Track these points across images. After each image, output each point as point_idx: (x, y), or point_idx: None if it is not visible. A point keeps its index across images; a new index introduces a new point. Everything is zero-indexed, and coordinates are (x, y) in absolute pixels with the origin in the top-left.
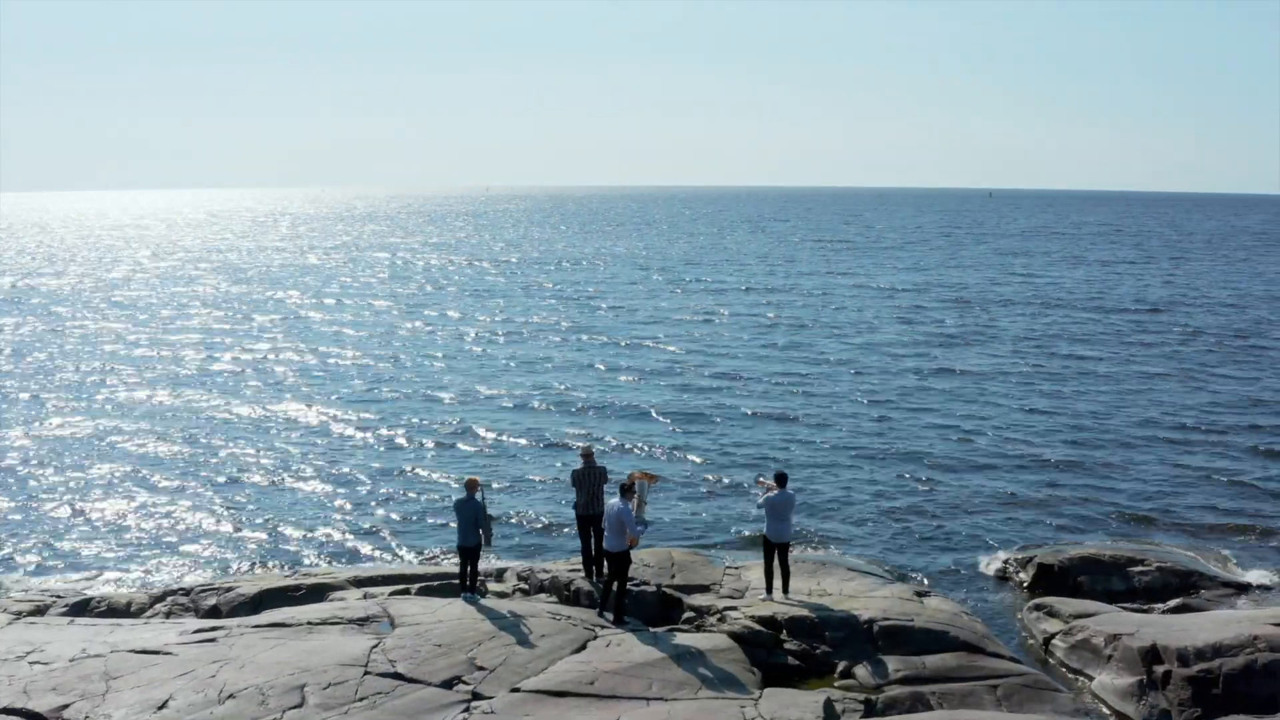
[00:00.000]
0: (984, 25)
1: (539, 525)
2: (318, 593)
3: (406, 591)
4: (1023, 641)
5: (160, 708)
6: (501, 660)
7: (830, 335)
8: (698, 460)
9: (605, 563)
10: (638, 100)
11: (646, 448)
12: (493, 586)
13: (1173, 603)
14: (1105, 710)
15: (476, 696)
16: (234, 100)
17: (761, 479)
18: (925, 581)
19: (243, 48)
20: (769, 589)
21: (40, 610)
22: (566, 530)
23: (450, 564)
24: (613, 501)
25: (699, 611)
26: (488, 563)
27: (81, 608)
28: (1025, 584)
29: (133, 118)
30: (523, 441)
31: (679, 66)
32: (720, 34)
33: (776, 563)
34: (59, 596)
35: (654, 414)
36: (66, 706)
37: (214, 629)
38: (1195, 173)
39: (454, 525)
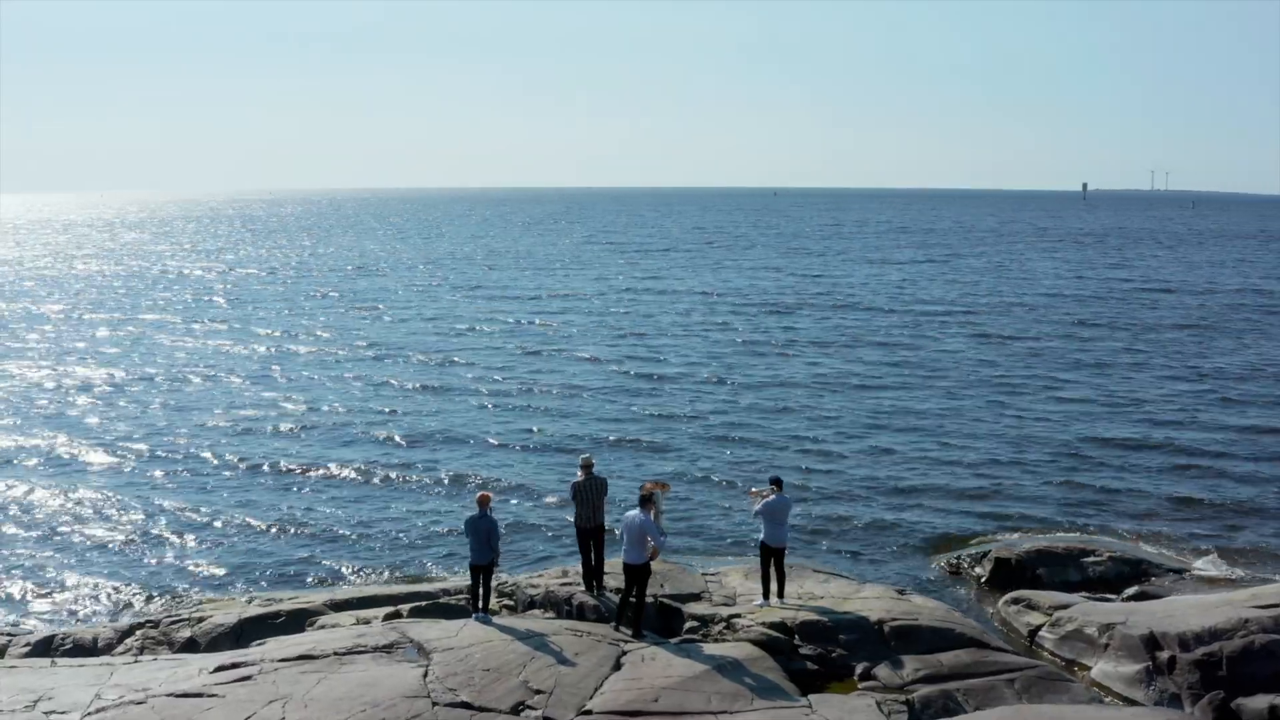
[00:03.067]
0: (767, 27)
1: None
2: (297, 619)
3: (398, 614)
4: (1003, 635)
5: None
6: (554, 682)
7: (661, 346)
8: (630, 470)
9: (602, 576)
10: (420, 102)
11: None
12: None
13: (1131, 590)
14: (1112, 698)
15: None
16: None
17: (754, 489)
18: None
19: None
20: (765, 594)
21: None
22: (535, 539)
23: (416, 583)
24: (631, 514)
25: (702, 620)
26: (460, 579)
27: (46, 646)
28: (983, 579)
29: None
30: (469, 453)
31: (458, 68)
32: (497, 35)
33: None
34: (12, 635)
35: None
36: None
37: (235, 665)
38: (965, 171)
39: (392, 543)
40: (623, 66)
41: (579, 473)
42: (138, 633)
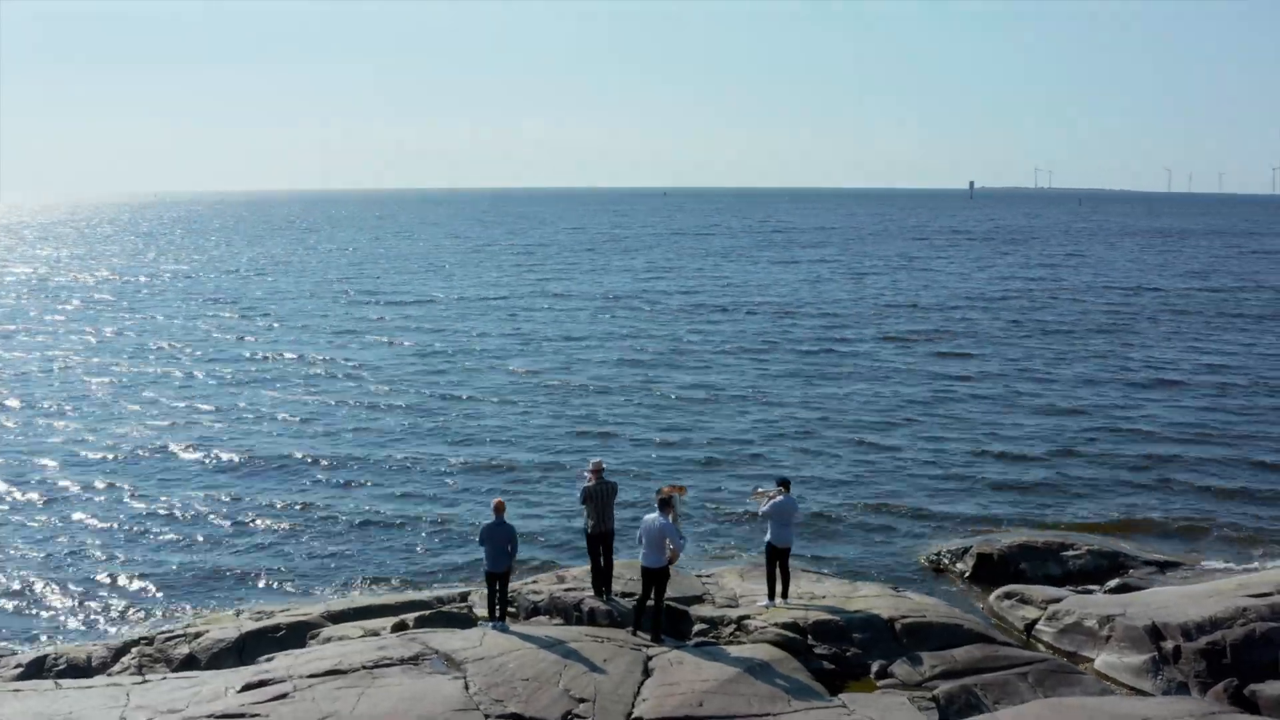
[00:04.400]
0: (650, 27)
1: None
2: (298, 632)
3: (404, 625)
4: (999, 629)
5: None
6: (594, 690)
7: (578, 353)
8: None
9: (610, 579)
10: (298, 104)
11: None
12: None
13: (1113, 583)
14: (1120, 689)
15: None
16: None
17: (759, 490)
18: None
19: None
20: (771, 595)
21: None
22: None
23: (406, 593)
24: (651, 517)
25: (711, 623)
26: (449, 588)
27: (38, 667)
28: (966, 574)
29: None
30: (435, 456)
31: (334, 69)
32: (368, 36)
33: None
34: None
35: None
36: None
37: (264, 683)
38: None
39: (377, 553)
40: (503, 66)
41: (589, 477)
42: (133, 650)
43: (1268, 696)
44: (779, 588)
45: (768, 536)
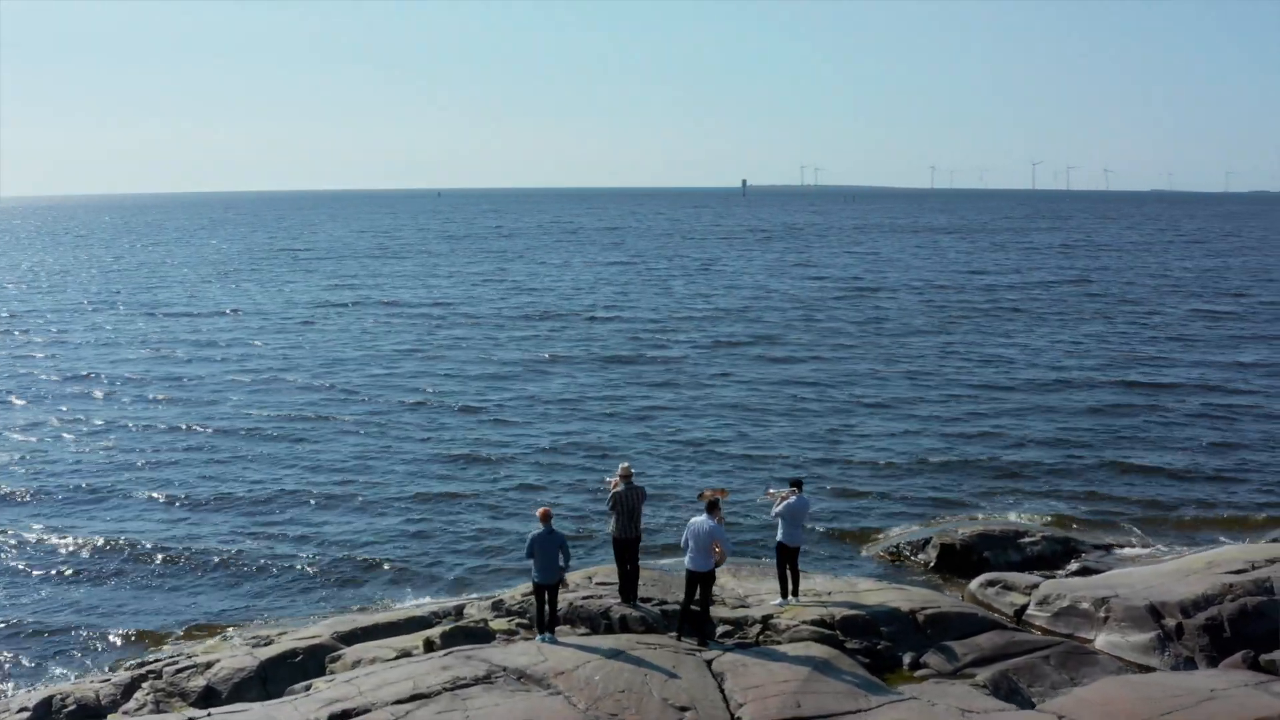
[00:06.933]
0: (410, 28)
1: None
2: (316, 656)
3: (433, 644)
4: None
5: None
6: (687, 697)
7: (406, 369)
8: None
9: (636, 584)
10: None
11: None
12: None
13: (1072, 566)
14: (1130, 666)
15: None
16: None
17: (771, 490)
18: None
19: None
20: (784, 593)
21: None
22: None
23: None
24: (699, 520)
25: (736, 624)
26: (441, 603)
27: (46, 708)
28: (930, 564)
29: None
30: (424, 463)
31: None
32: (115, 34)
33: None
34: None
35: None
36: None
37: (347, 713)
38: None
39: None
40: (258, 65)
41: (618, 482)
42: (144, 685)
43: None
44: (789, 586)
45: (779, 536)
